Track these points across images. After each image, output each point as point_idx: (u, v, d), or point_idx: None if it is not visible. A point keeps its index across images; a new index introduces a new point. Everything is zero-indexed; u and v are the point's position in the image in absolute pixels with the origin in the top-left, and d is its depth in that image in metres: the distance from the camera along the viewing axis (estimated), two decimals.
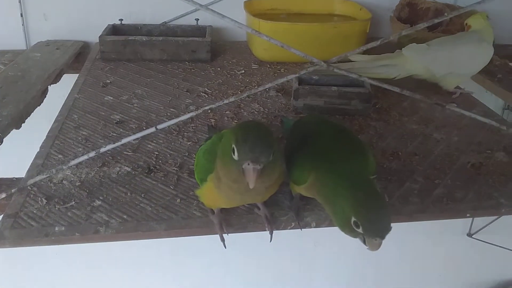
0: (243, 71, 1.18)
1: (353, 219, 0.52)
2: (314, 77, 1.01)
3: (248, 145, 0.51)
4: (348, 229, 0.54)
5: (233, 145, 0.52)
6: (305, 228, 0.67)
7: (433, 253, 1.85)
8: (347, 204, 0.53)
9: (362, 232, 0.52)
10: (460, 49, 1.02)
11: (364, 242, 0.54)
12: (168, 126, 0.89)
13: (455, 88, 1.08)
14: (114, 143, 0.69)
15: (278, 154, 0.55)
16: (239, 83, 1.11)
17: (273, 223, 0.66)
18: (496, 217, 1.76)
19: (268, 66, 1.22)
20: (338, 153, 0.60)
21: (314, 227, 0.67)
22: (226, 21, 1.27)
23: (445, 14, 0.78)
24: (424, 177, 0.77)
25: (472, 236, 1.86)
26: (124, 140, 0.70)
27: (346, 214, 0.53)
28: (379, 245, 0.53)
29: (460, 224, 1.85)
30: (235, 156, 0.52)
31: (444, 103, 0.74)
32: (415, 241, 1.80)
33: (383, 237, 0.52)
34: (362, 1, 1.38)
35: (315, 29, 1.19)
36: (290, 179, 0.65)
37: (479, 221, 1.83)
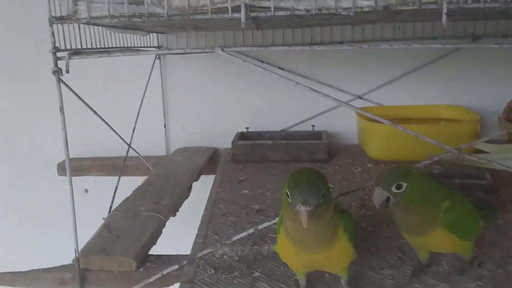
0: (360, 169, 1.29)
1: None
2: (434, 172, 1.08)
3: (298, 189, 0.60)
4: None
5: (287, 190, 0.61)
6: None
7: None
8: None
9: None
10: None
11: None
12: None
13: None
14: (257, 226, 0.83)
15: (329, 195, 0.62)
16: (358, 179, 1.21)
17: None
18: None
19: (383, 164, 1.31)
20: None
21: None
22: (339, 127, 1.39)
23: None
24: None
25: None
26: (264, 224, 0.83)
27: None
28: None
29: None
30: (290, 200, 0.61)
31: None
32: None
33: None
34: (468, 106, 1.47)
35: (426, 129, 1.28)
36: None
37: None
